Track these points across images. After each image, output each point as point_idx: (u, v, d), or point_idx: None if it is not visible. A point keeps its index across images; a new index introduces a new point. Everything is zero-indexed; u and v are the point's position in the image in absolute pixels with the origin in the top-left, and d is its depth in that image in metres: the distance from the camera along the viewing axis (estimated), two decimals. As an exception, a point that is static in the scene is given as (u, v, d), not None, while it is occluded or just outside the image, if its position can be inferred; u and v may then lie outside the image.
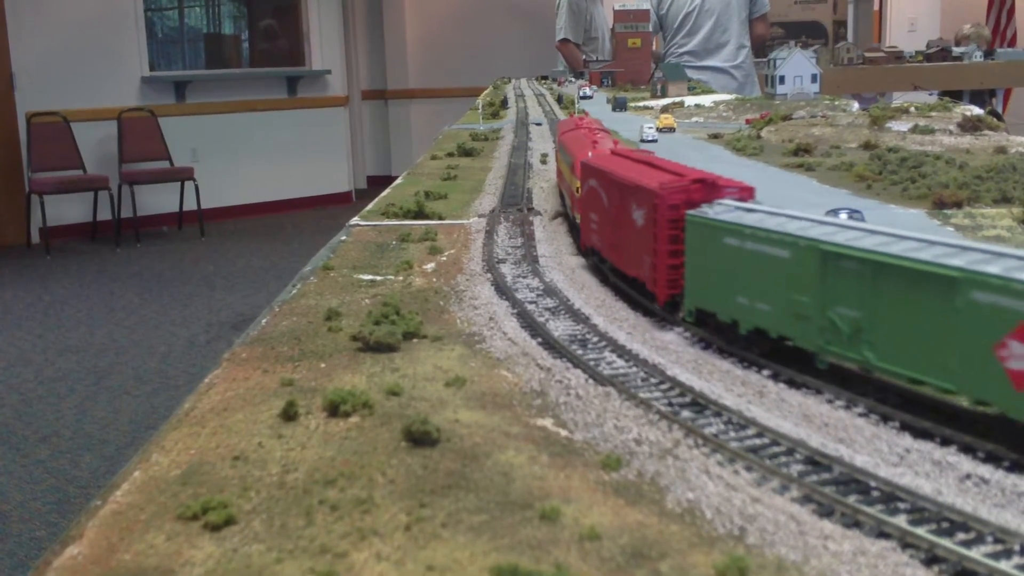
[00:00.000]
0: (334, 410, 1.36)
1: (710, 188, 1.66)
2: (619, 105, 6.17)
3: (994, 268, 1.09)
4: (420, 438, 1.25)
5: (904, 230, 1.30)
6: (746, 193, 1.65)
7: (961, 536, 0.97)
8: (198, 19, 17.12)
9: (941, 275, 1.13)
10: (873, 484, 1.08)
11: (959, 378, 1.13)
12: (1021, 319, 1.04)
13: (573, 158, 2.42)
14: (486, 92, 9.38)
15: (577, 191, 2.31)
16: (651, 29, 9.25)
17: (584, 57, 10.55)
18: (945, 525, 1.00)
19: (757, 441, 1.22)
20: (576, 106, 5.99)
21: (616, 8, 9.03)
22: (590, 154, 2.27)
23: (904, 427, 1.22)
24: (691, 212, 1.59)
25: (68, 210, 13.53)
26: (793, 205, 1.52)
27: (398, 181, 3.80)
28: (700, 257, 1.58)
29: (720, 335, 1.57)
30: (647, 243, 1.72)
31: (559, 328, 1.71)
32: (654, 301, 1.75)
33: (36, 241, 13.37)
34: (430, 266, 2.29)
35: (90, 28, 13.87)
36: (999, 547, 0.95)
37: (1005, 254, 1.13)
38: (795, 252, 1.35)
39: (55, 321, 9.73)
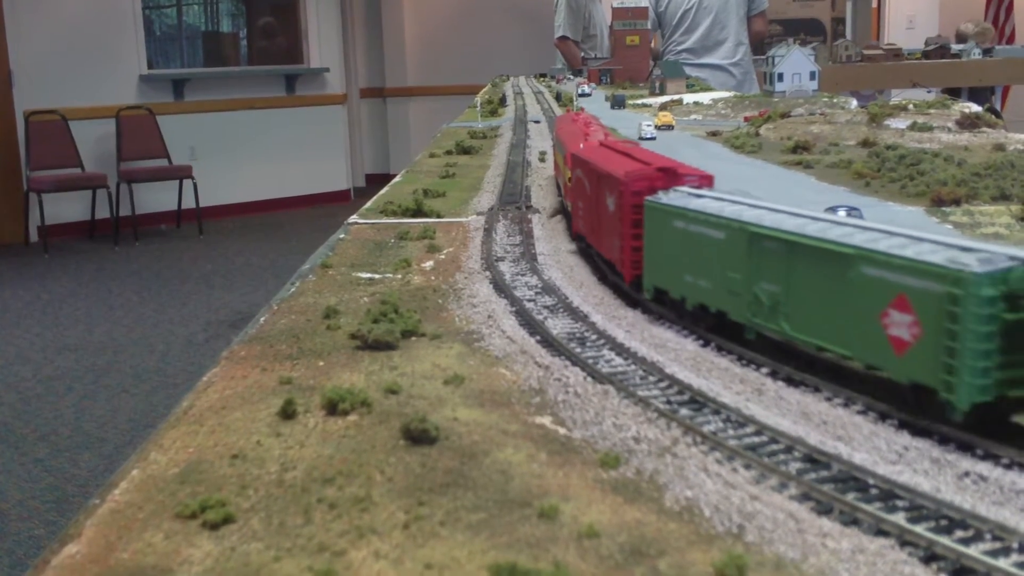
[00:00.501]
0: (332, 408, 1.36)
1: (672, 176, 1.78)
2: (617, 103, 6.17)
3: (882, 245, 1.22)
4: (418, 436, 1.25)
5: (823, 214, 1.44)
6: (705, 181, 1.78)
7: (960, 534, 0.97)
8: (196, 17, 17.12)
9: (838, 252, 1.27)
10: (872, 482, 1.08)
11: (854, 345, 1.28)
12: (900, 291, 1.18)
13: (566, 150, 2.52)
14: (484, 90, 9.38)
15: (568, 181, 2.45)
16: (649, 26, 9.24)
17: (582, 55, 10.55)
18: (944, 523, 1.00)
19: (756, 439, 1.22)
20: (575, 104, 5.99)
21: (614, 5, 9.02)
22: (581, 146, 2.37)
23: (903, 425, 1.22)
24: (648, 198, 1.73)
25: (66, 208, 13.53)
26: (791, 203, 1.52)
27: (396, 179, 3.80)
28: (655, 239, 1.73)
29: (674, 311, 1.71)
30: (616, 227, 1.86)
31: (558, 326, 1.71)
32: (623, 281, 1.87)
33: (34, 239, 13.36)
34: (429, 264, 2.29)
35: (88, 26, 13.86)
36: (997, 545, 0.95)
37: (899, 233, 1.26)
38: (728, 233, 1.50)
39: (53, 319, 9.73)
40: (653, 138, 4.17)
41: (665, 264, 1.70)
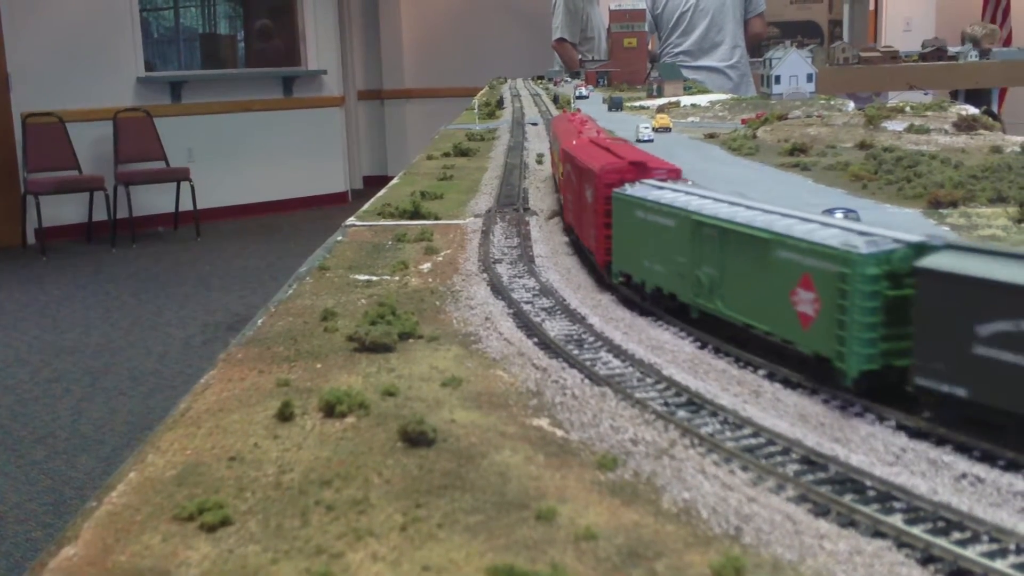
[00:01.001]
0: (330, 410, 1.36)
1: (642, 169, 1.92)
2: (615, 105, 6.17)
3: (794, 231, 1.35)
4: (416, 438, 1.25)
5: (759, 203, 1.56)
6: (673, 174, 1.92)
7: (957, 535, 0.97)
8: (193, 19, 17.12)
9: (759, 237, 1.42)
10: (869, 483, 1.09)
11: (772, 321, 1.41)
12: (804, 271, 1.32)
13: (559, 146, 2.67)
14: (482, 92, 9.38)
15: (561, 175, 2.59)
16: (647, 29, 9.25)
17: (580, 57, 10.55)
18: (941, 524, 1.00)
19: (753, 441, 1.22)
20: (572, 106, 5.99)
21: (612, 8, 9.03)
22: (574, 142, 2.47)
23: (900, 426, 1.22)
24: (616, 190, 1.86)
25: (64, 211, 13.52)
26: (788, 205, 1.53)
27: (394, 181, 3.80)
28: (621, 228, 1.86)
29: (637, 294, 1.84)
30: (592, 216, 1.99)
31: (555, 328, 1.71)
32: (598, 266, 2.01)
33: (32, 242, 13.35)
34: (426, 266, 2.29)
35: (85, 28, 13.86)
36: (995, 546, 0.95)
37: (813, 220, 1.40)
38: (677, 222, 1.63)
39: (51, 322, 9.72)
40: (651, 140, 4.17)
41: (629, 251, 1.84)
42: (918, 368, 1.21)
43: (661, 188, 1.79)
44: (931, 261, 1.20)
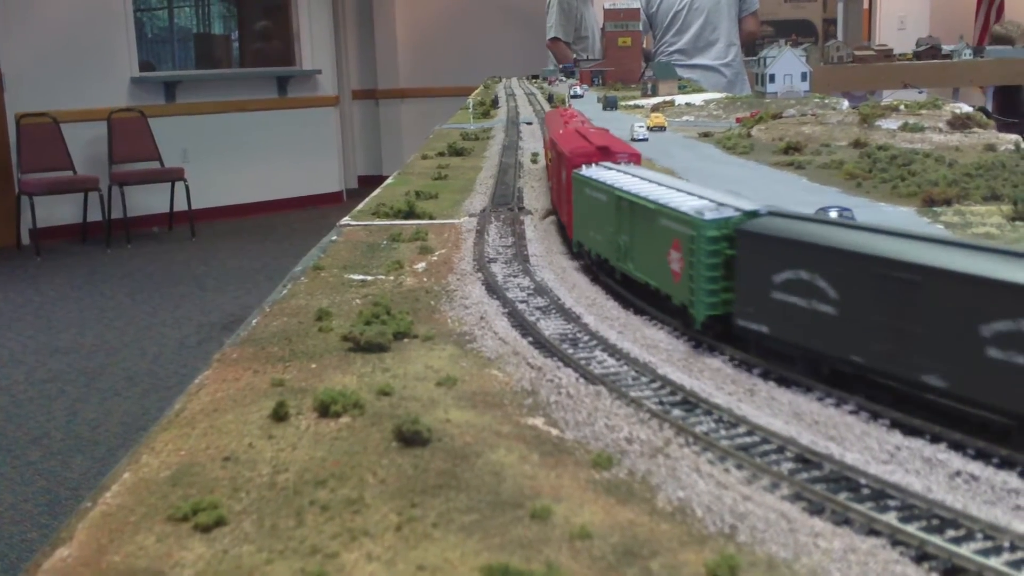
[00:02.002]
0: (325, 410, 1.36)
1: (606, 153, 2.17)
2: (609, 104, 6.17)
3: (672, 202, 1.63)
4: (411, 438, 1.25)
5: (682, 183, 1.80)
6: (634, 158, 2.17)
7: (951, 533, 0.98)
8: (188, 19, 17.10)
9: (650, 208, 1.69)
10: (863, 481, 1.09)
11: (659, 278, 1.68)
12: (674, 235, 1.59)
13: (548, 135, 2.94)
14: (476, 91, 9.38)
15: (549, 161, 2.88)
16: (641, 28, 9.25)
17: (574, 56, 10.55)
18: (935, 522, 1.00)
19: (748, 439, 1.22)
20: (567, 104, 5.99)
21: (606, 7, 9.02)
22: (560, 131, 2.68)
23: (894, 424, 1.23)
24: (575, 171, 2.11)
25: (58, 211, 13.49)
26: (783, 203, 1.56)
27: (389, 181, 3.80)
28: (577, 204, 2.13)
29: (589, 261, 2.10)
30: (565, 195, 2.27)
31: (550, 327, 1.71)
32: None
33: (26, 242, 13.32)
34: (421, 266, 2.29)
35: (79, 28, 13.83)
36: (989, 544, 0.95)
37: (692, 192, 1.67)
38: (607, 197, 1.90)
39: (45, 323, 9.70)
40: (645, 139, 4.17)
41: (582, 223, 2.12)
42: (738, 311, 1.49)
43: (609, 169, 2.05)
44: (747, 224, 1.46)
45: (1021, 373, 1.06)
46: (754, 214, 1.48)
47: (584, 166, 2.10)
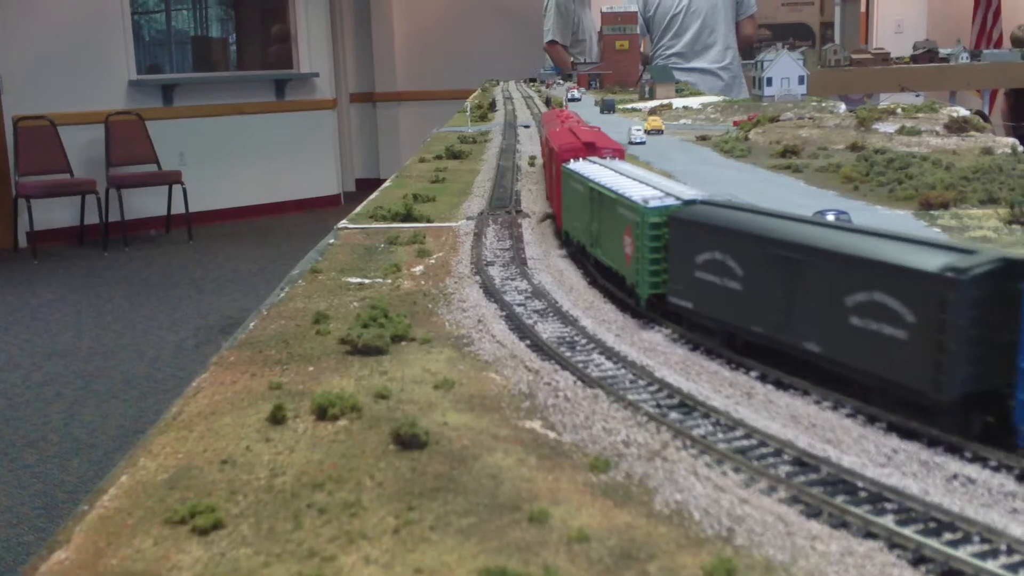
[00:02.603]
0: (322, 413, 1.35)
1: (591, 148, 2.35)
2: (607, 107, 6.18)
3: (627, 192, 1.78)
4: (408, 441, 1.25)
5: (638, 170, 2.03)
6: (617, 153, 2.35)
7: (948, 536, 0.98)
8: (185, 22, 17.09)
9: (610, 197, 1.87)
10: (860, 485, 1.09)
11: (618, 262, 1.85)
12: (628, 222, 1.76)
13: (545, 134, 3.10)
14: (474, 95, 9.38)
15: (545, 158, 3.05)
16: (638, 31, 9.25)
17: (572, 59, 10.55)
18: (932, 525, 1.00)
19: (745, 442, 1.22)
20: (564, 106, 5.99)
21: (604, 10, 9.03)
22: (556, 129, 2.85)
23: (891, 428, 1.23)
24: (564, 165, 2.26)
25: (55, 214, 13.48)
26: (780, 207, 1.57)
27: (386, 184, 3.80)
28: (565, 195, 2.30)
29: (574, 249, 2.25)
30: (555, 188, 2.46)
31: (547, 330, 1.71)
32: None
33: (23, 245, 13.32)
34: (418, 269, 2.29)
35: (77, 31, 13.83)
36: (986, 547, 0.95)
37: (649, 183, 1.85)
38: (584, 188, 2.06)
39: (43, 326, 9.69)
40: (643, 143, 4.18)
41: (568, 213, 2.29)
42: (671, 290, 1.67)
43: (593, 163, 2.21)
44: (679, 212, 1.65)
45: (875, 338, 1.22)
46: (692, 203, 1.67)
47: (572, 160, 2.26)
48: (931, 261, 1.15)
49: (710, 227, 1.55)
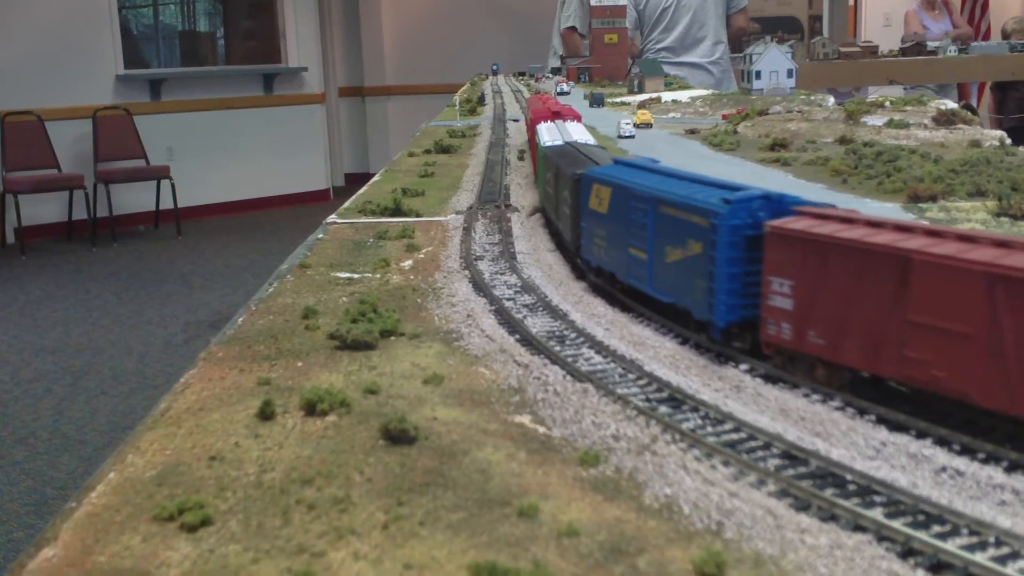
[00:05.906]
0: (311, 409, 1.35)
1: (558, 116, 3.10)
2: (596, 101, 6.17)
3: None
4: (398, 436, 1.24)
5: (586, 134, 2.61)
6: (575, 117, 3.16)
7: (937, 529, 0.98)
8: (173, 16, 17.02)
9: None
10: (849, 478, 1.09)
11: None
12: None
13: (529, 114, 3.69)
14: (463, 89, 9.36)
15: (527, 133, 3.59)
16: (628, 25, 9.24)
17: (560, 53, 10.52)
18: (921, 518, 1.00)
19: (734, 436, 1.22)
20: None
21: (593, 4, 9.01)
22: (538, 106, 3.37)
23: (880, 420, 1.23)
24: (536, 125, 2.73)
25: (43, 210, 13.42)
26: None
27: (375, 178, 3.79)
28: (538, 158, 2.58)
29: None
30: (531, 151, 2.98)
31: (537, 325, 1.71)
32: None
33: (11, 241, 13.26)
34: (408, 263, 2.28)
35: (64, 26, 13.75)
36: (974, 539, 0.96)
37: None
38: (539, 150, 2.29)
39: (31, 322, 9.66)
40: (632, 136, 4.17)
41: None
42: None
43: (554, 126, 2.81)
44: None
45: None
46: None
47: (543, 122, 2.92)
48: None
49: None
